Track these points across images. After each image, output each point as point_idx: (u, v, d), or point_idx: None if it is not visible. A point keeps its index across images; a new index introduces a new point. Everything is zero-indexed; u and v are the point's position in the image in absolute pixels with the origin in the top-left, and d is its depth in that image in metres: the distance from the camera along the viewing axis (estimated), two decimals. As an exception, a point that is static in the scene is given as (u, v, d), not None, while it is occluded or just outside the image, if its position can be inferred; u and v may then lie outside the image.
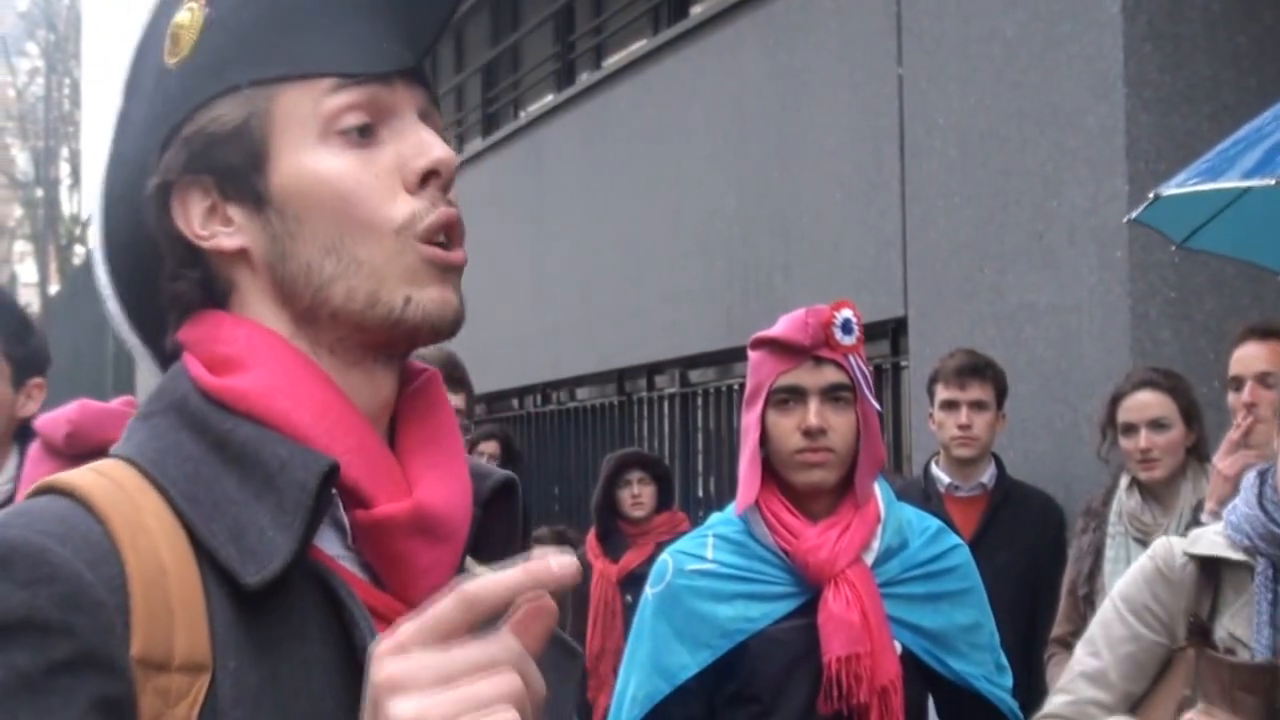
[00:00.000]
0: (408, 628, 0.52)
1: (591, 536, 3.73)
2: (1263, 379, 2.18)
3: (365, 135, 0.67)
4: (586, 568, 3.66)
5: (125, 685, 0.57)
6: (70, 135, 21.00)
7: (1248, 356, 2.20)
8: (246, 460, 0.63)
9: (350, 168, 0.66)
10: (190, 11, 0.68)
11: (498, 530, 0.70)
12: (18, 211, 24.68)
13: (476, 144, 7.44)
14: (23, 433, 1.67)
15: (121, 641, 0.58)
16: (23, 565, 0.57)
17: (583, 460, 5.92)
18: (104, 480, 0.62)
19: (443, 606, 0.51)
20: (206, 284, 0.68)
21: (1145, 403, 2.48)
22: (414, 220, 0.66)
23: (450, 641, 0.51)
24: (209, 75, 0.67)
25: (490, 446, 4.60)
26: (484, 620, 0.52)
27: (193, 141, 0.67)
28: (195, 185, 0.67)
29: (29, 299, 21.38)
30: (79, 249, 21.11)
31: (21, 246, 25.22)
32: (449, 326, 0.68)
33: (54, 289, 20.49)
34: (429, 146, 0.67)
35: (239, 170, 0.67)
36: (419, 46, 0.68)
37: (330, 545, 0.65)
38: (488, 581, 0.51)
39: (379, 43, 0.67)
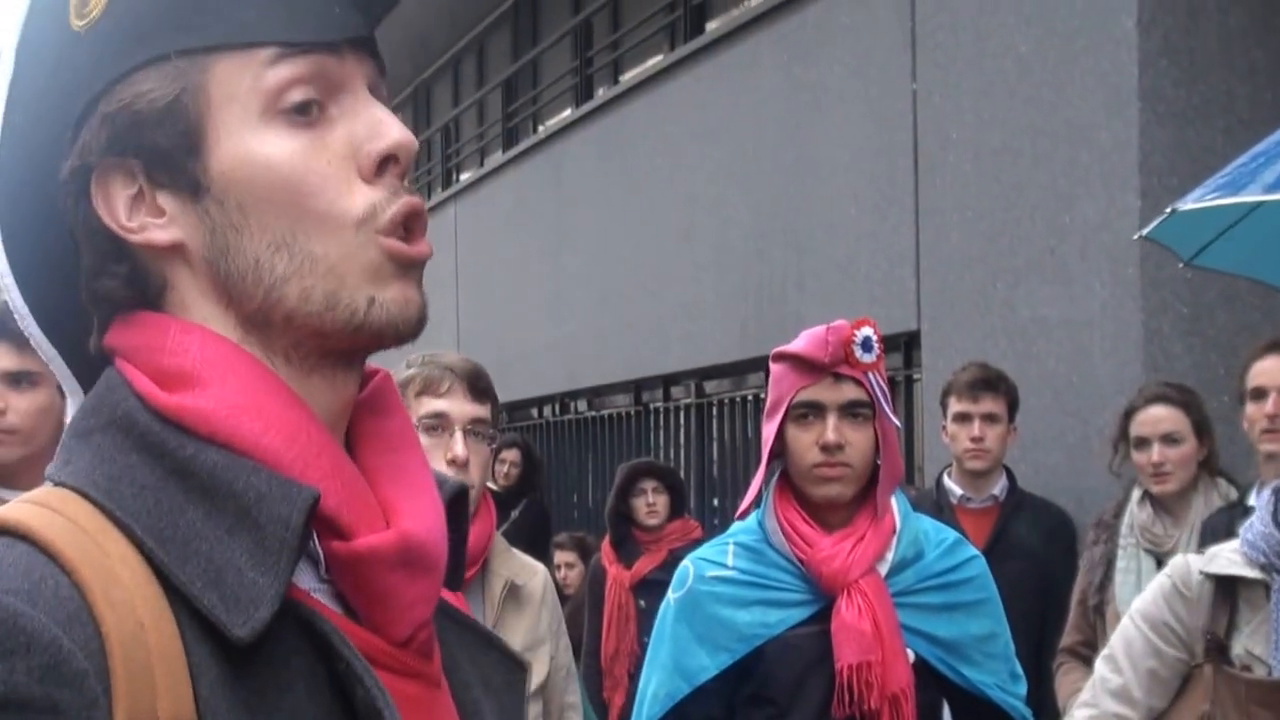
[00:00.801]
0: None
1: (606, 543, 3.79)
2: None
3: (311, 113, 0.59)
4: (601, 573, 3.71)
5: None
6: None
7: (1271, 369, 2.20)
8: (216, 491, 0.55)
9: (299, 152, 0.58)
10: None
11: (450, 539, 0.64)
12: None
13: (497, 157, 7.51)
14: None
15: (105, 713, 0.51)
16: None
17: (600, 468, 5.96)
18: (60, 520, 0.54)
19: None
20: (136, 280, 0.60)
21: (1158, 417, 2.50)
22: (375, 213, 0.59)
23: None
24: (128, 42, 0.58)
25: (511, 455, 4.66)
26: None
27: (116, 120, 0.58)
28: (118, 169, 0.59)
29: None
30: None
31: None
32: (414, 328, 0.60)
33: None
34: (385, 127, 0.59)
35: (171, 154, 0.58)
36: (373, 11, 0.61)
37: (304, 578, 0.59)
38: None
39: (326, 6, 0.59)
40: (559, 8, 6.95)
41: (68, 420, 0.60)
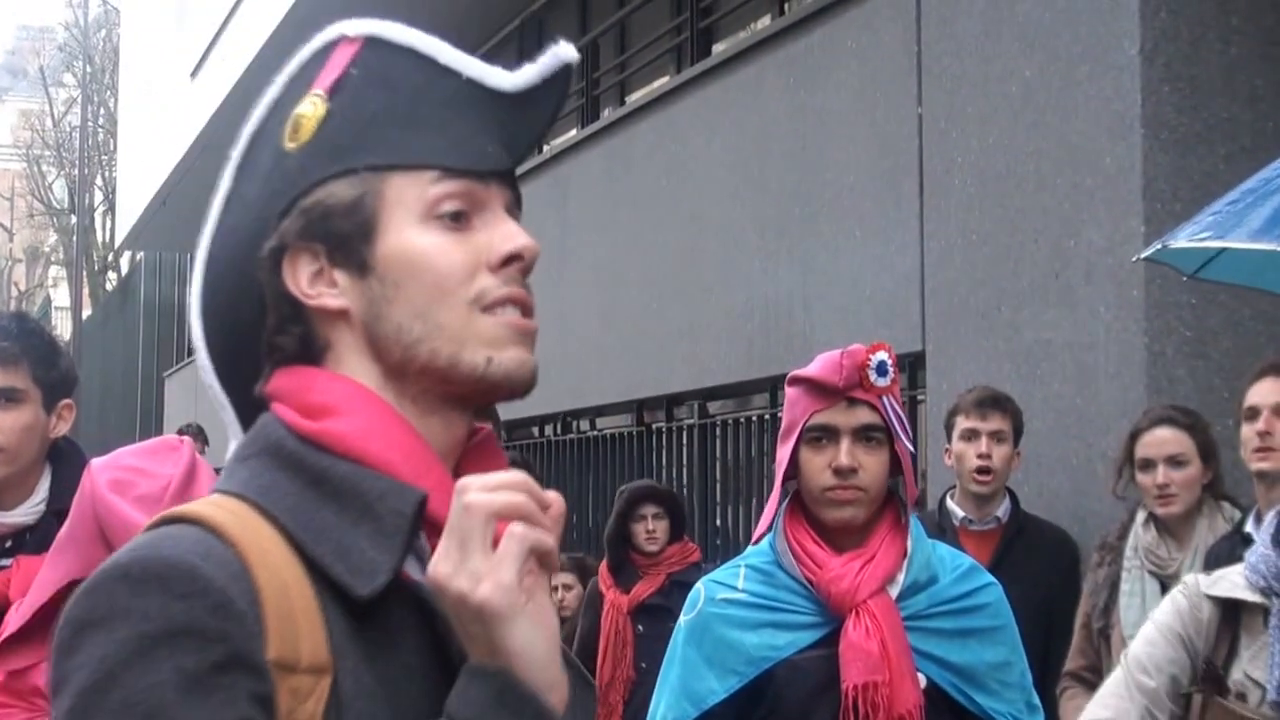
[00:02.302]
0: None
1: (603, 568, 3.76)
2: (1279, 410, 2.20)
3: (460, 221, 0.78)
4: (598, 598, 3.69)
5: (268, 685, 0.67)
6: (105, 164, 21.26)
7: (1265, 389, 2.22)
8: (344, 493, 0.73)
9: (445, 246, 0.77)
10: (313, 104, 0.79)
11: None
12: (52, 237, 25.13)
13: (501, 176, 7.54)
14: (54, 453, 1.72)
15: (260, 647, 0.67)
16: (179, 580, 0.67)
17: (601, 489, 5.96)
18: (224, 511, 0.72)
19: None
20: (305, 339, 0.78)
21: (1164, 439, 2.51)
22: (484, 295, 0.77)
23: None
24: (328, 158, 0.78)
25: (511, 474, 4.63)
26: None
27: (310, 212, 0.78)
28: (306, 250, 0.78)
29: (61, 322, 21.74)
30: (111, 275, 21.40)
31: (56, 272, 25.67)
32: (526, 384, 0.78)
33: (86, 313, 20.78)
34: (515, 235, 0.78)
35: (349, 239, 0.77)
36: (515, 152, 0.80)
37: (415, 572, 0.74)
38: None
39: (480, 144, 0.78)
40: (565, 28, 7.00)
41: (53, 435, 0.64)
